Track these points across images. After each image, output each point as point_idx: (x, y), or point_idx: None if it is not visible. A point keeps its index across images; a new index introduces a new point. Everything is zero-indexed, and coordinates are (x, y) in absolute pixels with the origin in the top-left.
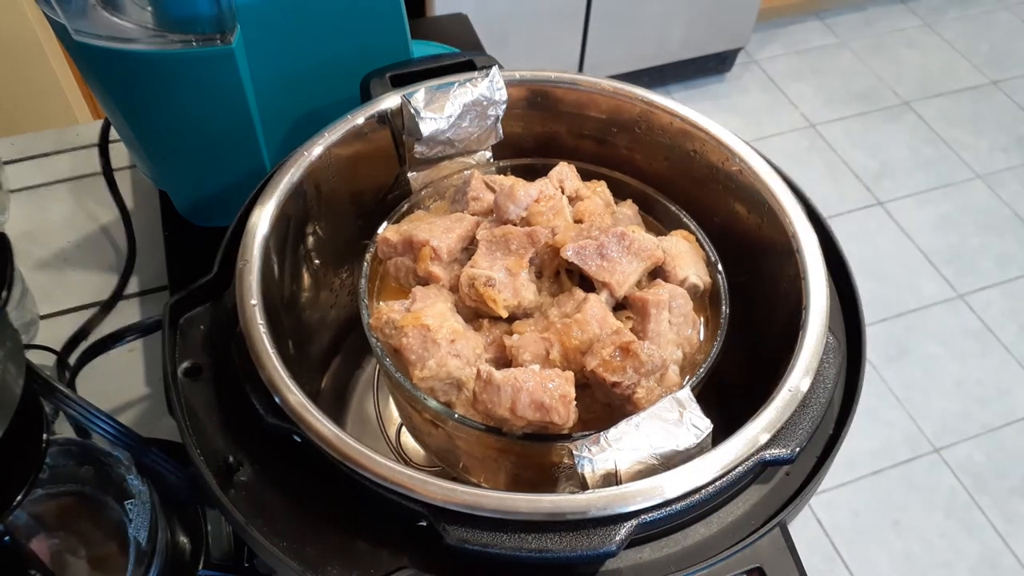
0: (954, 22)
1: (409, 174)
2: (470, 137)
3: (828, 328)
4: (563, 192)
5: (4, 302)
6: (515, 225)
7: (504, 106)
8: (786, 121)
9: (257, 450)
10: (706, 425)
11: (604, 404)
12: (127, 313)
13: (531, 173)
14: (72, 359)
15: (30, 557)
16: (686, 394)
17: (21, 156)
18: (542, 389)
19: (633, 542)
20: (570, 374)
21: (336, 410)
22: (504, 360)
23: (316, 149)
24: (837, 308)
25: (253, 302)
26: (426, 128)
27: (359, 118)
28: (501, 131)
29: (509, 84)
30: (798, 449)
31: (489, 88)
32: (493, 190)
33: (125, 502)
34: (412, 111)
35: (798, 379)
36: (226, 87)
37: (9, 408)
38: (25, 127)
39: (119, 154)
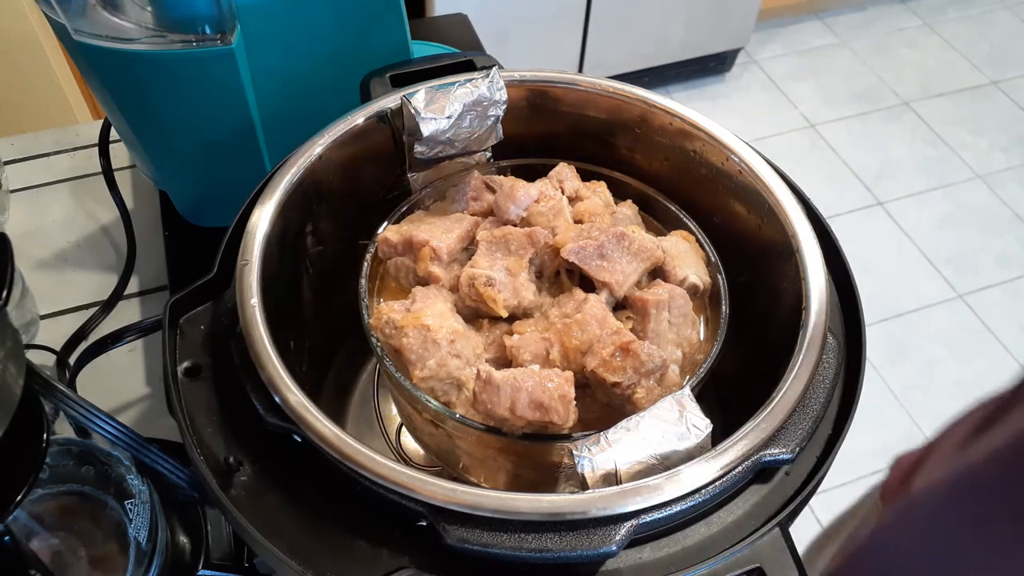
0: (954, 22)
1: (409, 174)
2: (470, 137)
3: (828, 328)
4: (563, 192)
5: (4, 302)
6: (515, 225)
7: (504, 106)
8: (786, 121)
9: (257, 450)
10: (706, 425)
11: (604, 404)
12: (127, 313)
13: (531, 173)
14: (72, 359)
15: (30, 557)
16: (686, 394)
17: (21, 156)
18: (541, 389)
19: (633, 542)
20: (570, 374)
21: (336, 410)
22: (504, 360)
23: (316, 149)
24: (837, 308)
25: (253, 302)
26: (426, 128)
27: (359, 118)
28: (501, 131)
29: (509, 84)
30: (798, 449)
31: (489, 88)
32: (493, 190)
33: (125, 502)
34: (412, 111)
35: (798, 379)
36: (226, 87)
37: (9, 408)
38: (25, 127)
39: (119, 154)
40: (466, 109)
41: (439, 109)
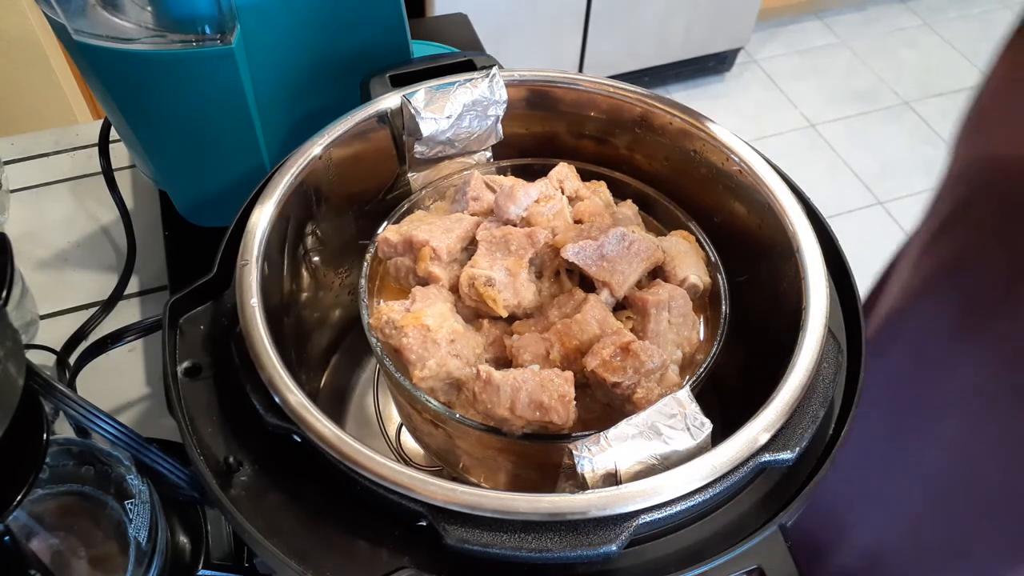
0: (954, 22)
1: (409, 174)
2: (470, 137)
3: (828, 328)
4: (563, 192)
5: (4, 302)
6: (515, 225)
7: (504, 106)
8: (786, 121)
9: (257, 450)
10: (706, 425)
11: (604, 404)
12: (127, 313)
13: (531, 173)
14: (72, 359)
15: (30, 557)
16: (686, 394)
17: (21, 156)
18: (541, 389)
19: (633, 542)
20: (569, 374)
21: (336, 410)
22: (504, 360)
23: (316, 149)
24: (837, 308)
25: (253, 302)
26: (426, 128)
27: (359, 118)
28: (501, 131)
29: (509, 84)
30: (798, 449)
31: (489, 88)
32: (493, 190)
33: (125, 502)
34: (412, 111)
35: (798, 379)
36: (226, 87)
37: (9, 408)
38: (25, 127)
39: (119, 154)
40: (466, 109)
41: (439, 109)
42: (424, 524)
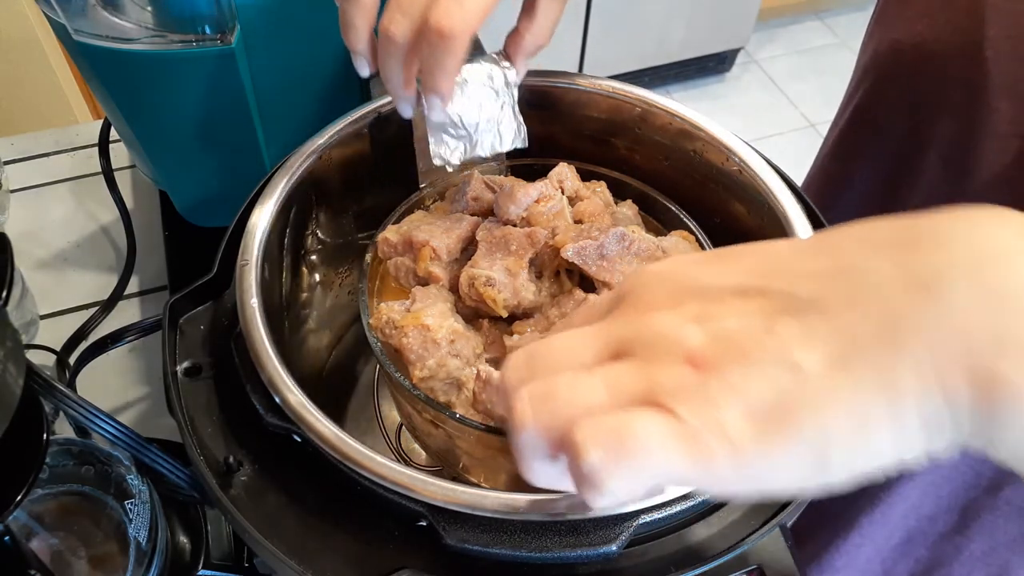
0: None
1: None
2: None
3: None
4: (563, 192)
5: (4, 302)
6: (515, 225)
7: None
8: (786, 121)
9: (257, 450)
10: None
11: None
12: (127, 313)
13: (531, 173)
14: (72, 359)
15: (30, 557)
16: None
17: (21, 156)
18: None
19: (633, 542)
20: None
21: (336, 410)
22: (504, 360)
23: (316, 149)
24: None
25: (253, 302)
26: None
27: (359, 118)
28: None
29: None
30: None
31: None
32: (493, 190)
33: (125, 502)
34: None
35: None
36: (226, 87)
37: (9, 408)
38: (25, 127)
39: (119, 154)
40: None
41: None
42: (424, 524)
